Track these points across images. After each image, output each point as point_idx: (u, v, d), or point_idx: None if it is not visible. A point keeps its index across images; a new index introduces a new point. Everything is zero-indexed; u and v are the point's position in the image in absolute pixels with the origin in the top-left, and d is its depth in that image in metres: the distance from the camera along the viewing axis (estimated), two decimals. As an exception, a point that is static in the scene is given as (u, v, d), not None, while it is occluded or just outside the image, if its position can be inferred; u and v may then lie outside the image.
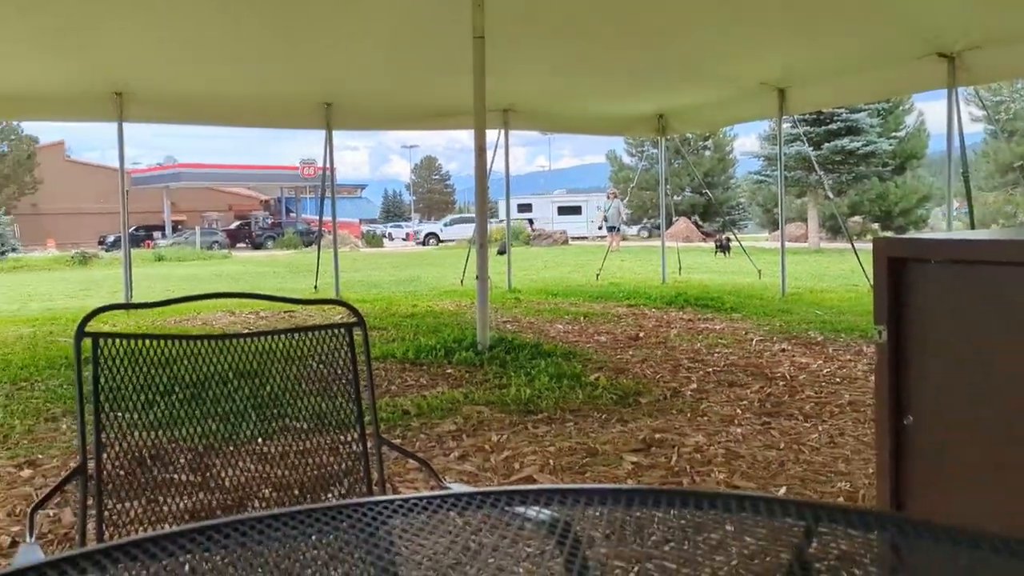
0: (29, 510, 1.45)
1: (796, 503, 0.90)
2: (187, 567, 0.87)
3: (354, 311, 1.94)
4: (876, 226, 29.83)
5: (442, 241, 41.71)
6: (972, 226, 10.56)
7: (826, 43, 8.22)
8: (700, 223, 35.28)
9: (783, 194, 11.89)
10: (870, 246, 2.07)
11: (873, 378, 2.86)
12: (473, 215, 11.16)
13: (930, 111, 28.45)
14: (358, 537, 0.96)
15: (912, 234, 27.64)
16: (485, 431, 4.40)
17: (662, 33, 7.87)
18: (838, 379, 5.57)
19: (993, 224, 27.57)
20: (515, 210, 45.91)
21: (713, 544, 0.89)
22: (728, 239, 21.35)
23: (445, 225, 44.51)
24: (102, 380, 1.67)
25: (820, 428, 4.35)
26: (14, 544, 2.94)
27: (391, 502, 0.97)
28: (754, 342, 7.11)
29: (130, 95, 9.62)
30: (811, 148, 23.53)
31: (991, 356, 1.80)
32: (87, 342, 1.61)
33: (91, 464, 1.61)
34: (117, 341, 1.70)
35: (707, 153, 38.05)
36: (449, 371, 6.01)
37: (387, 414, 4.70)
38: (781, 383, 5.48)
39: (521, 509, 0.98)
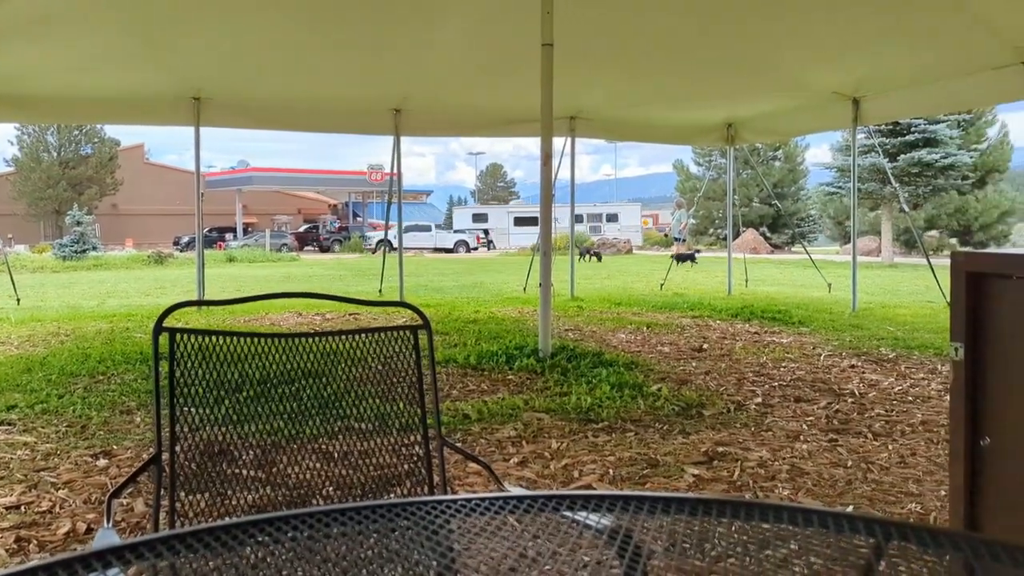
0: (106, 498, 1.50)
1: (865, 519, 0.88)
2: (252, 556, 0.89)
3: (420, 314, 1.96)
4: (954, 241, 28.87)
5: (394, 248, 38.15)
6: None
7: (904, 52, 8.00)
8: (768, 235, 34.65)
9: (856, 207, 11.58)
10: (947, 261, 2.01)
11: (948, 397, 2.77)
12: (425, 223, 11.43)
13: (1014, 123, 27.49)
14: (418, 536, 0.97)
15: (992, 250, 26.67)
16: (545, 438, 4.39)
17: (732, 41, 7.77)
18: (910, 398, 5.40)
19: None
20: (469, 220, 45.12)
21: (777, 561, 0.88)
22: (693, 250, 22.20)
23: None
24: (176, 375, 1.73)
25: (890, 447, 4.22)
26: (89, 530, 3.05)
27: (453, 502, 0.98)
28: (822, 357, 6.95)
29: (207, 100, 9.93)
30: (886, 160, 22.92)
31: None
32: (164, 336, 1.66)
33: (164, 455, 1.66)
34: (191, 337, 1.75)
35: (777, 163, 37.37)
36: (510, 377, 6.02)
37: (448, 418, 4.73)
38: (850, 400, 5.34)
39: (582, 515, 0.98)
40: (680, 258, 21.01)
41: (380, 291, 12.82)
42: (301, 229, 45.12)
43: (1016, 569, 0.80)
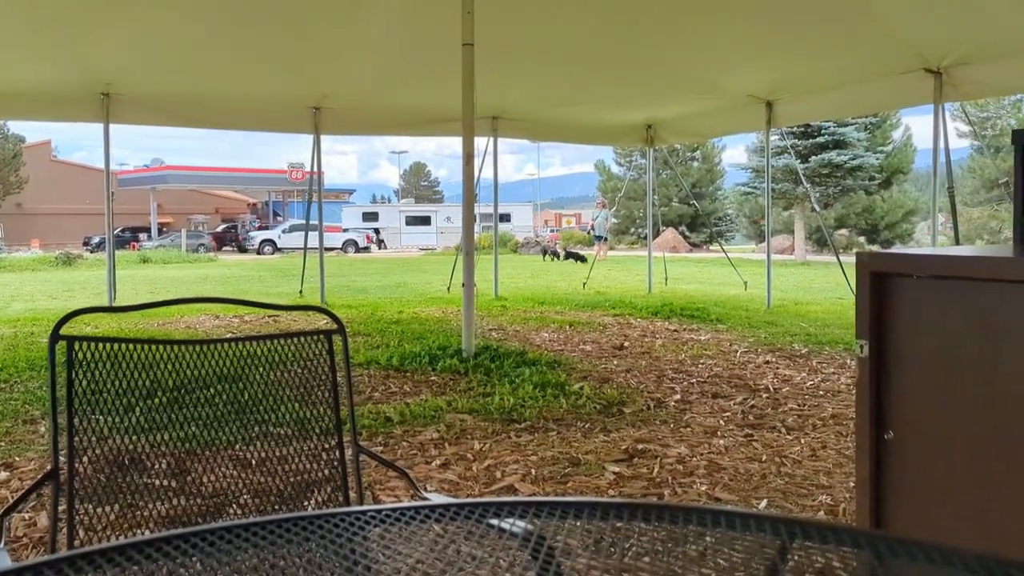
0: (-1, 515, 1.43)
1: (771, 519, 0.90)
2: (161, 571, 0.85)
3: (334, 318, 1.93)
4: (862, 239, 30.04)
5: (279, 249, 35.96)
6: (957, 241, 10.65)
7: (814, 58, 8.28)
8: (687, 234, 35.41)
9: (770, 206, 11.94)
10: (855, 259, 2.08)
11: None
12: (313, 223, 11.53)
13: (917, 126, 28.69)
14: (333, 546, 0.94)
15: (897, 248, 27.87)
16: (467, 439, 4.38)
17: (651, 45, 7.90)
18: (821, 392, 5.58)
19: (978, 239, 27.83)
20: (359, 219, 44.50)
21: (691, 558, 0.89)
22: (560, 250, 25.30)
23: (284, 232, 37.59)
24: (79, 383, 1.65)
25: (802, 441, 4.35)
26: (-13, 548, 2.90)
27: (363, 513, 0.96)
28: (738, 354, 7.13)
29: (117, 96, 9.57)
30: (798, 161, 23.67)
31: (972, 372, 1.81)
32: (62, 345, 1.59)
33: (64, 469, 1.59)
34: (93, 344, 1.68)
35: (695, 164, 38.20)
36: (433, 378, 5.99)
37: (370, 421, 4.68)
38: (764, 395, 5.49)
39: (495, 521, 0.97)
40: (553, 253, 25.28)
41: (301, 292, 12.59)
42: (219, 229, 43.91)
43: (913, 563, 0.83)
